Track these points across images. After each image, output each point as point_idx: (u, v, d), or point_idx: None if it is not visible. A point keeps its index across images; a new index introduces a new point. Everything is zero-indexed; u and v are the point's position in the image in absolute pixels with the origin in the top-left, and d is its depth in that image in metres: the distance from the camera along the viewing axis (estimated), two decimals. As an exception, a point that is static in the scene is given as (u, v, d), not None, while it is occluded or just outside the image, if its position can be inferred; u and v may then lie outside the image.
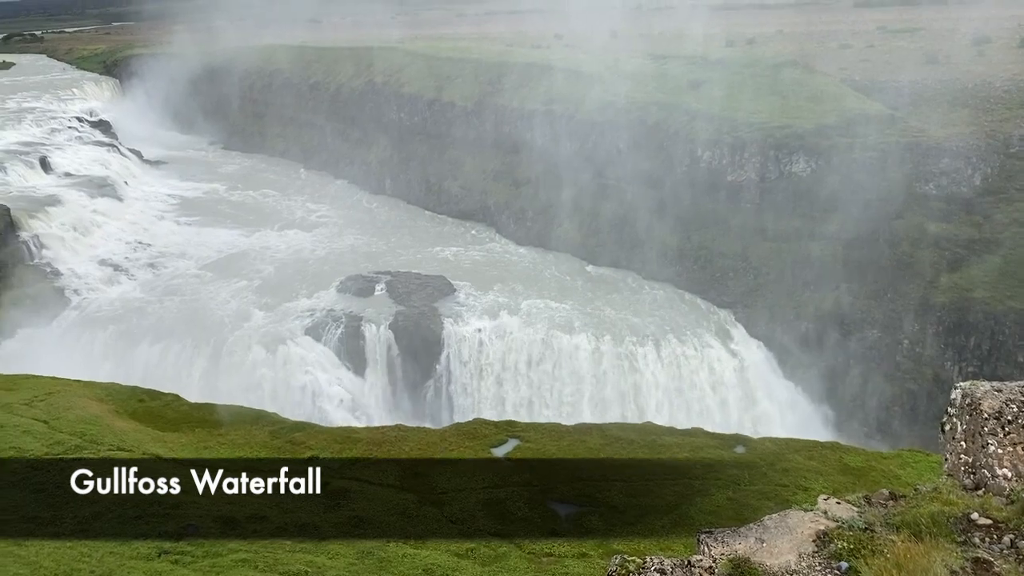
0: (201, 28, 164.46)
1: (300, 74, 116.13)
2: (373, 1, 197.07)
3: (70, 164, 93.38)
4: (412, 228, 79.50)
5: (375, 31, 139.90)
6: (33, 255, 67.14)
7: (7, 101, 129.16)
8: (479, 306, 58.34)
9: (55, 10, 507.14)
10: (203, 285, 64.58)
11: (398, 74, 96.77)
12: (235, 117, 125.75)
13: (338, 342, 54.60)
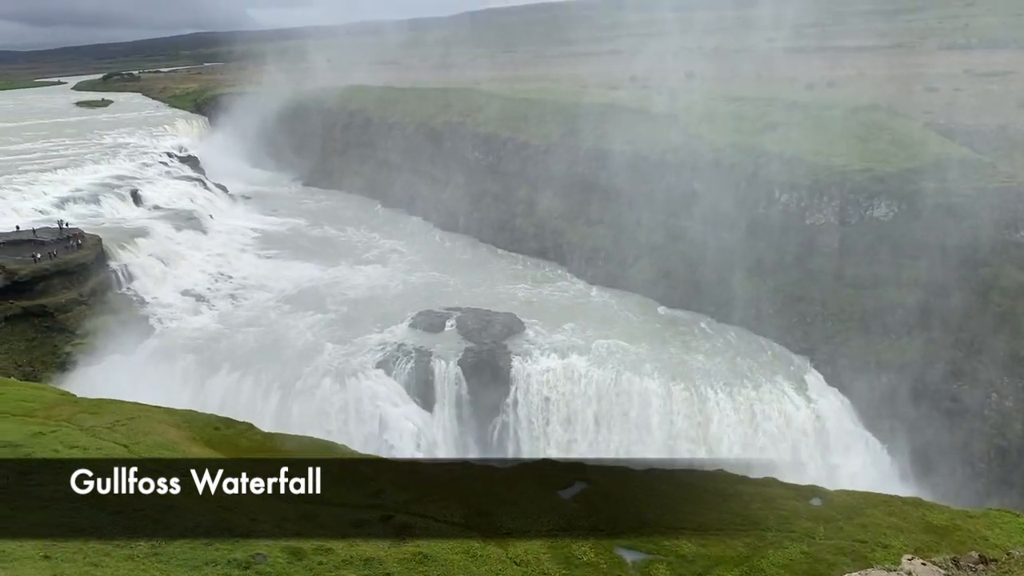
0: (287, 69, 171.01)
1: (380, 114, 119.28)
2: (453, 44, 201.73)
3: (159, 197, 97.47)
4: (484, 265, 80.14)
5: (454, 73, 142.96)
6: (121, 284, 69.98)
7: (104, 137, 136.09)
8: (549, 345, 58.12)
9: (151, 51, 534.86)
10: (280, 317, 66.14)
11: (474, 114, 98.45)
12: (317, 155, 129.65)
13: (408, 376, 55.09)
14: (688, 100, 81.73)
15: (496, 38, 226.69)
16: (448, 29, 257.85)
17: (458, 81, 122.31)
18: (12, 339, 59.48)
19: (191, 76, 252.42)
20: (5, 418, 34.71)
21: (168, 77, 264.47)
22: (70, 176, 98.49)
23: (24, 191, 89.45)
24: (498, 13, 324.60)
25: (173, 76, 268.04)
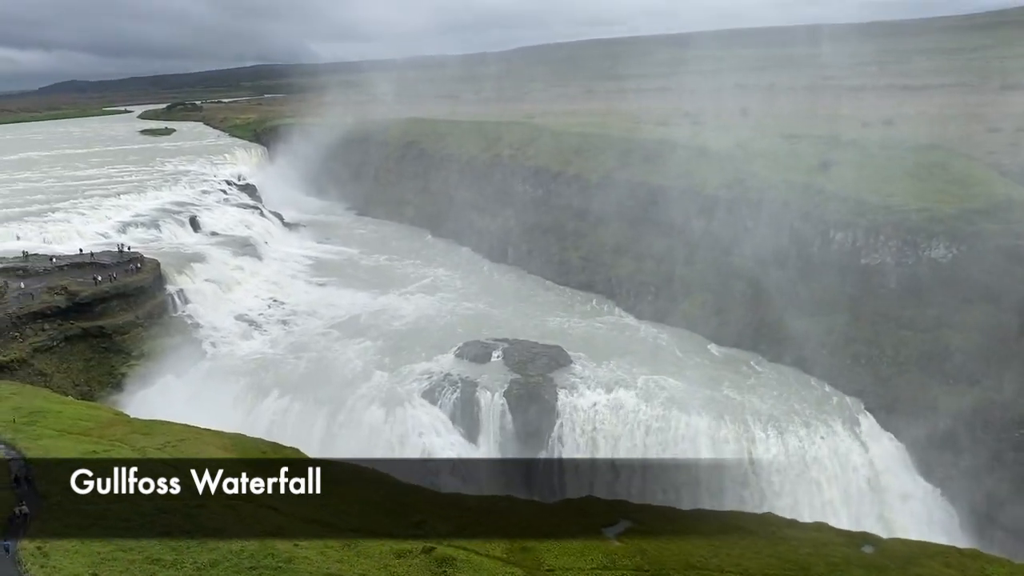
0: (345, 101, 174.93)
1: (434, 146, 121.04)
2: (507, 79, 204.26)
3: (217, 224, 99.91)
4: (532, 297, 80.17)
5: (507, 106, 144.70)
6: (177, 307, 71.60)
7: (166, 164, 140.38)
8: (595, 379, 57.67)
9: (214, 82, 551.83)
10: (330, 343, 66.90)
11: (526, 147, 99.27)
12: (371, 185, 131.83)
13: (453, 406, 55.10)
14: (742, 137, 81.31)
15: (549, 73, 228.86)
16: (503, 64, 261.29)
17: (511, 115, 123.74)
18: (71, 358, 61.15)
19: (251, 107, 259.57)
20: (63, 436, 35.61)
21: (229, 107, 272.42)
22: (132, 201, 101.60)
23: (88, 215, 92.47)
24: (552, 49, 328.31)
25: (234, 106, 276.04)
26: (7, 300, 62.20)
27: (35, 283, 66.23)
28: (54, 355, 60.34)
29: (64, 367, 60.13)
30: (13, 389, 47.55)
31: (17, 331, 59.14)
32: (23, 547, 25.27)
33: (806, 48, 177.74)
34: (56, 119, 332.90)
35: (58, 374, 59.07)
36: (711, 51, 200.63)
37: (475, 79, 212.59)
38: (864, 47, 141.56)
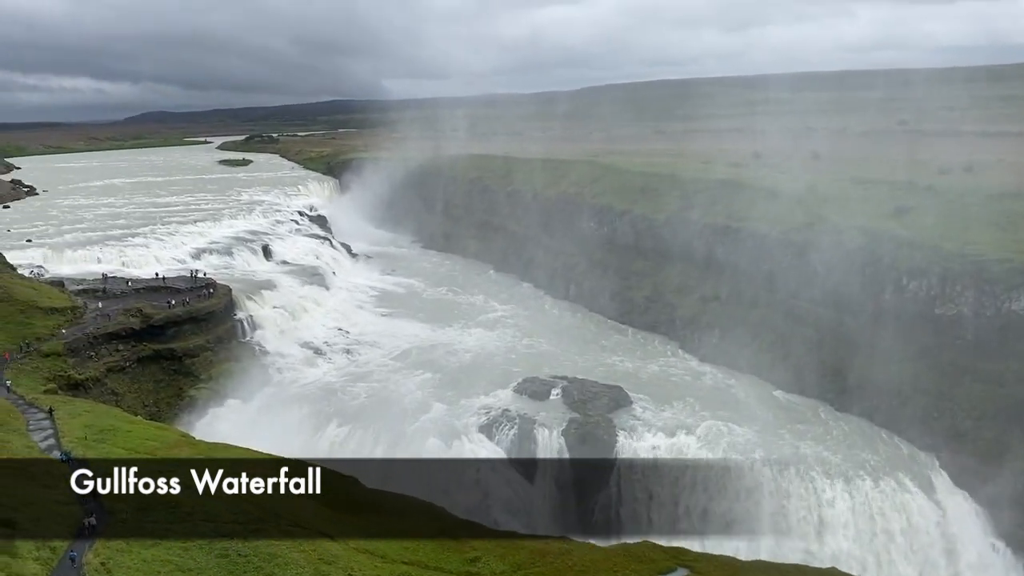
0: (415, 137, 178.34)
1: (499, 182, 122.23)
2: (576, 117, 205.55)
3: (288, 253, 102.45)
4: (593, 335, 79.65)
5: (574, 145, 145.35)
6: (246, 333, 73.30)
7: (242, 194, 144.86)
8: (656, 422, 56.73)
9: (291, 116, 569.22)
10: (391, 374, 67.49)
11: (591, 186, 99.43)
12: (436, 219, 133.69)
13: (510, 443, 54.77)
14: (813, 180, 79.92)
15: (617, 112, 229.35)
16: (572, 103, 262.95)
17: (577, 153, 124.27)
18: (142, 379, 62.97)
19: (325, 140, 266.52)
20: (131, 455, 36.51)
21: (304, 140, 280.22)
22: (208, 229, 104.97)
23: (166, 241, 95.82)
24: (620, 88, 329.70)
25: (309, 140, 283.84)
26: (85, 321, 64.58)
27: (112, 305, 68.65)
28: (126, 375, 62.22)
29: (135, 387, 61.91)
30: (86, 407, 49.09)
31: (93, 351, 61.20)
32: (87, 562, 25.88)
33: (881, 92, 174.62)
34: (140, 148, 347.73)
35: (129, 394, 60.82)
36: (782, 93, 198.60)
37: (543, 117, 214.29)
38: (941, 92, 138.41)
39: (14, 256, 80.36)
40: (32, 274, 76.16)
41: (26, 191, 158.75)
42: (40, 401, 47.62)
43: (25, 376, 54.55)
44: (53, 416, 43.85)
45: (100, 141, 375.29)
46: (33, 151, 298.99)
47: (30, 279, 72.85)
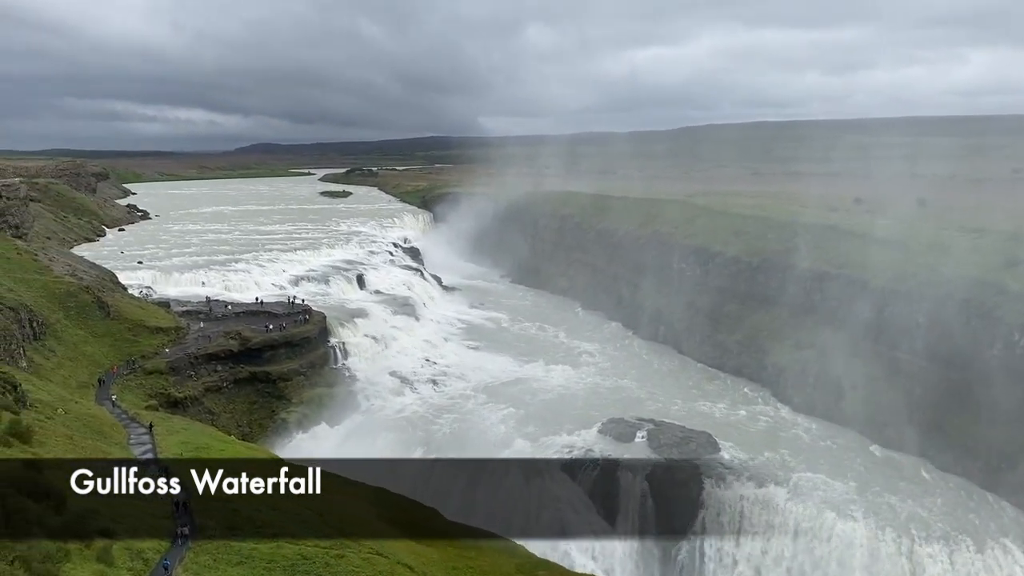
0: (509, 173, 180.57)
1: (589, 219, 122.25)
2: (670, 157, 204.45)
3: (381, 283, 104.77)
4: (681, 378, 78.15)
5: (667, 184, 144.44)
6: (338, 359, 75.05)
7: (340, 224, 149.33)
8: (745, 471, 54.92)
9: (390, 150, 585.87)
10: (475, 407, 67.75)
11: (684, 226, 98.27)
12: (527, 254, 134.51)
13: (592, 484, 53.97)
14: (918, 228, 76.87)
15: (714, 153, 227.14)
16: (667, 143, 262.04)
17: (672, 192, 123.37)
18: (237, 400, 65.10)
19: (422, 175, 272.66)
20: (222, 472, 37.52)
21: (402, 174, 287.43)
22: (307, 257, 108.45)
23: (267, 267, 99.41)
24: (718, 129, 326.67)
25: (406, 174, 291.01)
26: (187, 341, 67.42)
27: (213, 327, 71.50)
28: (223, 395, 64.47)
29: (230, 408, 64.03)
30: (184, 424, 51.01)
31: (193, 370, 63.73)
32: (178, 574, 26.64)
33: (992, 138, 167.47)
34: (248, 178, 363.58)
35: (224, 414, 62.93)
36: (887, 138, 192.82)
37: (638, 156, 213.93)
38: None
39: (126, 277, 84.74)
40: (141, 294, 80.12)
41: (140, 215, 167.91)
42: (141, 416, 49.75)
43: (129, 392, 57.17)
44: (152, 432, 45.73)
45: (211, 170, 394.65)
46: (149, 178, 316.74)
47: (139, 299, 76.67)
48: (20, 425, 32.94)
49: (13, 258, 70.35)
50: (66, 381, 55.60)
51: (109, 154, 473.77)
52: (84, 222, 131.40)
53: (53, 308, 65.11)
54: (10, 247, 72.01)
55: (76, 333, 64.13)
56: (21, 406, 38.44)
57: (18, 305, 59.03)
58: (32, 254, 73.94)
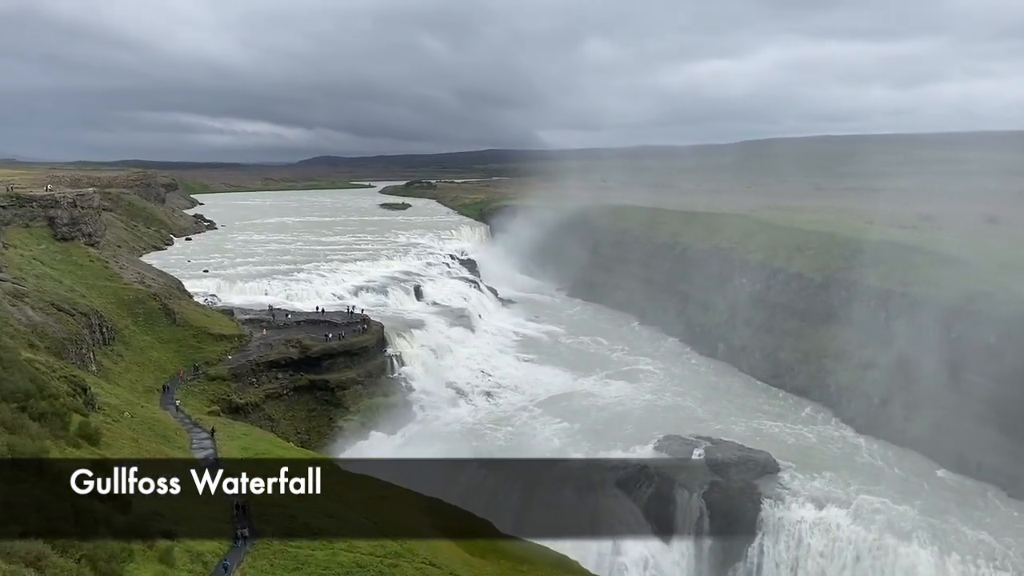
0: (566, 186, 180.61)
1: (648, 233, 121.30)
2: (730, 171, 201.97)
3: (438, 294, 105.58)
4: (740, 396, 76.79)
5: (729, 198, 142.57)
6: (394, 369, 75.80)
7: (399, 236, 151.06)
8: (805, 492, 53.63)
9: (449, 163, 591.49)
10: (530, 420, 67.65)
11: (745, 241, 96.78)
12: (583, 268, 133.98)
13: (647, 501, 53.34)
14: (989, 246, 74.39)
15: (776, 167, 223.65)
16: (728, 156, 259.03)
17: (732, 207, 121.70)
18: (296, 407, 66.21)
19: (480, 187, 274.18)
20: (281, 478, 38.12)
21: (460, 187, 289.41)
22: (366, 268, 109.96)
23: (327, 277, 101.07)
24: (780, 143, 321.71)
25: (464, 186, 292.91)
26: (249, 348, 68.89)
27: (275, 335, 72.94)
28: (282, 402, 65.64)
29: (290, 415, 65.14)
30: (245, 430, 52.05)
31: (255, 377, 65.04)
32: None
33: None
34: (311, 190, 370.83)
35: (284, 420, 64.04)
36: (955, 152, 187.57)
37: (698, 170, 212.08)
38: None
39: (192, 284, 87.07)
40: (206, 302, 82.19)
41: (207, 225, 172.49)
42: (204, 421, 50.95)
43: (193, 397, 58.63)
44: (214, 436, 46.78)
45: (275, 182, 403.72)
46: (215, 189, 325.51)
47: (204, 306, 78.69)
48: (89, 427, 33.99)
49: (86, 265, 72.91)
50: (133, 385, 57.28)
51: (178, 165, 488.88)
52: (153, 231, 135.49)
53: (122, 314, 67.24)
54: (83, 254, 74.64)
55: (143, 339, 66.10)
56: (90, 409, 39.70)
57: (89, 311, 61.11)
58: (103, 261, 76.50)
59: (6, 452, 22.65)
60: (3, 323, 48.46)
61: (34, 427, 28.29)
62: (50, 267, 67.73)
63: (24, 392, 31.10)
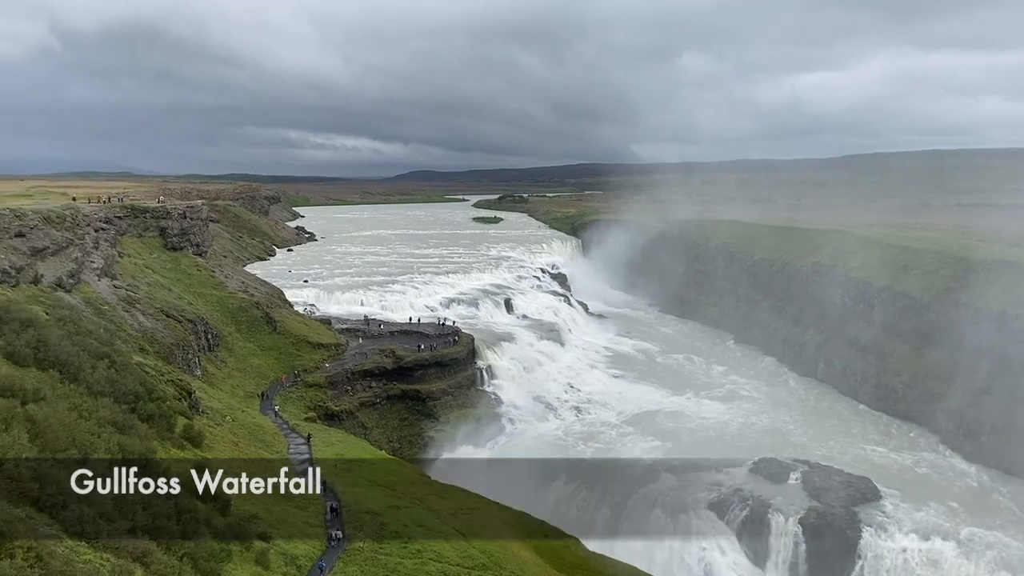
0: (659, 200, 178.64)
1: (744, 249, 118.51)
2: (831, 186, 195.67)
3: (528, 308, 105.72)
4: (841, 419, 73.92)
5: (830, 214, 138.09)
6: (484, 381, 76.22)
7: (490, 249, 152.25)
8: (908, 521, 51.09)
9: (541, 177, 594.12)
10: (619, 437, 66.83)
11: (847, 258, 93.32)
12: (675, 283, 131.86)
13: (741, 525, 51.79)
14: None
15: (879, 183, 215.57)
16: (829, 171, 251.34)
17: (833, 223, 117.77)
18: (389, 416, 67.35)
19: (572, 202, 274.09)
20: (372, 487, 38.87)
21: (552, 201, 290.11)
22: (458, 280, 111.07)
23: (420, 289, 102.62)
24: (882, 158, 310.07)
25: (556, 200, 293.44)
26: (345, 357, 70.56)
27: (369, 345, 74.50)
28: (375, 411, 66.89)
29: (382, 423, 66.31)
30: (339, 436, 53.26)
31: (349, 385, 66.54)
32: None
33: None
34: (406, 203, 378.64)
35: (376, 428, 65.22)
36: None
37: (798, 184, 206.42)
38: None
39: (292, 294, 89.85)
40: (305, 311, 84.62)
41: (307, 237, 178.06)
42: (300, 427, 52.40)
43: (290, 403, 60.40)
44: (310, 442, 48.02)
45: (372, 195, 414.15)
46: (316, 202, 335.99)
47: (303, 316, 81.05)
48: (193, 430, 35.39)
49: (193, 274, 76.27)
50: (234, 390, 59.46)
51: (281, 179, 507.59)
52: (257, 242, 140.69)
53: (226, 321, 69.97)
54: (191, 264, 78.12)
55: (246, 346, 68.58)
56: (194, 412, 41.36)
57: (196, 318, 63.84)
58: (210, 271, 79.86)
59: (117, 451, 23.72)
60: (117, 328, 51.07)
61: (143, 428, 29.59)
62: (161, 275, 71.13)
63: (134, 394, 32.59)
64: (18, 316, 32.86)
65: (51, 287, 49.10)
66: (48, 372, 29.36)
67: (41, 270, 49.07)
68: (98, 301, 53.92)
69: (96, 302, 53.49)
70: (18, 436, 19.90)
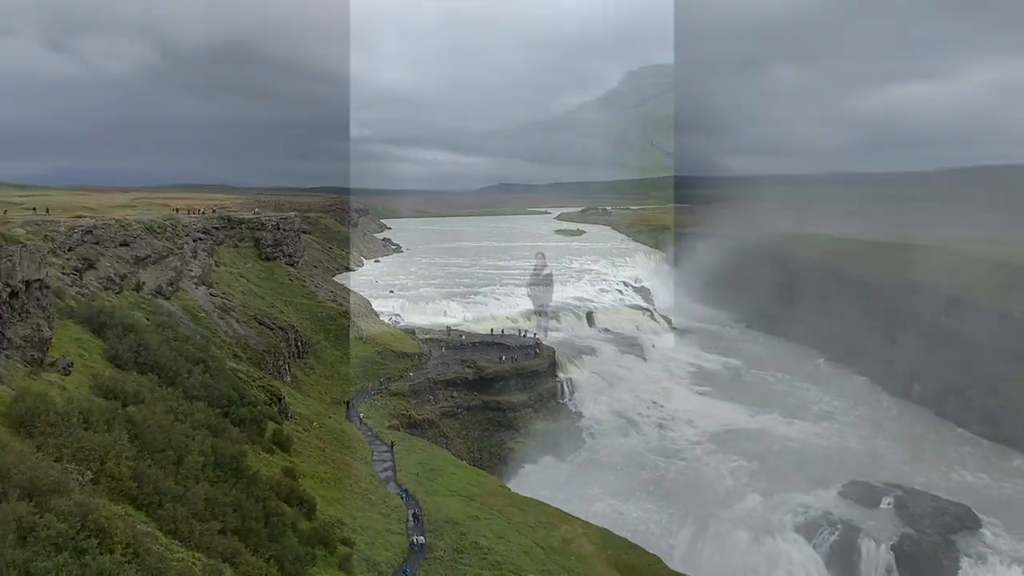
0: (747, 213, 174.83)
1: (834, 265, 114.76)
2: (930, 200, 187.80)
3: (609, 321, 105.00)
4: (938, 443, 70.65)
5: (926, 230, 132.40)
6: (565, 394, 75.97)
7: (573, 262, 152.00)
8: (1011, 553, 48.39)
9: (625, 189, 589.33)
10: (703, 455, 65.49)
11: (947, 275, 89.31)
12: (762, 299, 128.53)
13: (829, 549, 50.02)
14: None
15: (982, 197, 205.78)
16: (927, 185, 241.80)
17: (930, 238, 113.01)
18: (470, 427, 67.78)
19: (656, 215, 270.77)
20: (453, 496, 39.17)
21: (636, 214, 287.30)
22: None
23: (502, 301, 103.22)
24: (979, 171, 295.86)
25: (640, 213, 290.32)
26: (428, 367, 71.47)
27: (451, 355, 75.29)
28: (456, 421, 67.44)
29: (463, 433, 66.79)
30: (422, 445, 53.92)
31: (431, 394, 67.33)
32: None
33: None
34: (488, 216, 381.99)
35: (457, 438, 65.72)
36: None
37: (892, 198, 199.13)
38: None
39: (378, 304, 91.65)
40: (390, 321, 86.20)
41: (394, 249, 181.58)
42: (384, 435, 53.27)
43: (375, 411, 61.48)
44: (393, 450, 48.75)
45: (457, 208, 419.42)
46: (402, 214, 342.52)
47: (388, 325, 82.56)
48: (282, 435, 36.42)
49: (285, 283, 78.65)
50: (322, 397, 60.91)
51: (370, 192, 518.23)
52: (345, 253, 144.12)
53: (315, 329, 71.85)
54: (283, 273, 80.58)
55: (333, 354, 70.24)
56: (283, 417, 42.55)
57: (287, 325, 65.78)
58: (301, 280, 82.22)
59: (210, 453, 24.58)
60: (213, 334, 53.04)
61: (234, 431, 30.61)
62: (254, 284, 73.60)
63: (227, 399, 33.77)
64: (121, 321, 34.49)
65: (152, 294, 51.38)
66: (147, 375, 30.69)
67: (143, 278, 51.40)
68: (195, 308, 56.13)
69: (193, 309, 55.70)
70: (119, 436, 20.83)
